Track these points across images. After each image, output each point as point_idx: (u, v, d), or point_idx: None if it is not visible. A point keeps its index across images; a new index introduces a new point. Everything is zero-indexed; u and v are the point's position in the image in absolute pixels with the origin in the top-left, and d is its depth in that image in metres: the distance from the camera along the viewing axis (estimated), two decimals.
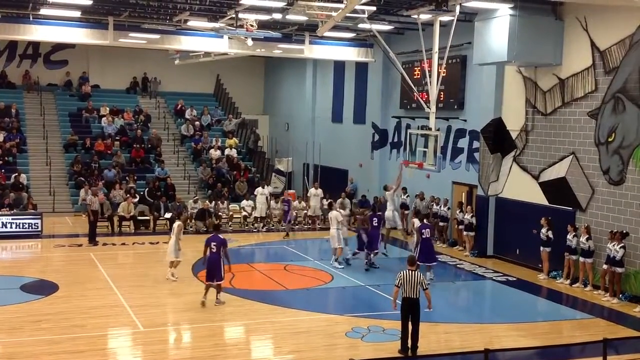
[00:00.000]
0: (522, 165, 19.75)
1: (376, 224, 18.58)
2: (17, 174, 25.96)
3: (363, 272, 18.17)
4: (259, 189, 25.46)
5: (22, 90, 32.34)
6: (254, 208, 24.89)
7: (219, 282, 14.69)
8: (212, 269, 14.62)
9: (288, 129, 34.23)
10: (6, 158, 27.61)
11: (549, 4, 18.03)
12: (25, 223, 22.03)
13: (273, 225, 24.88)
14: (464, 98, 22.23)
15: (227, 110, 34.83)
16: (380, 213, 19.29)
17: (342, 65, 29.37)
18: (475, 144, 21.54)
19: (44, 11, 20.71)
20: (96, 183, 26.67)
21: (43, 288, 15.91)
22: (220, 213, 24.51)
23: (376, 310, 14.80)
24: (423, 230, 17.33)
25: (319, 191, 25.30)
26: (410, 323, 11.81)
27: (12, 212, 22.65)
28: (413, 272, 11.83)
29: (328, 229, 19.43)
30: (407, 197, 23.75)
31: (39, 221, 22.16)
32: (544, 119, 18.99)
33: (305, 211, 25.59)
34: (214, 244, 14.65)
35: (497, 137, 20.26)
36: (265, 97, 37.37)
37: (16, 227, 21.75)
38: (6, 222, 21.82)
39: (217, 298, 14.74)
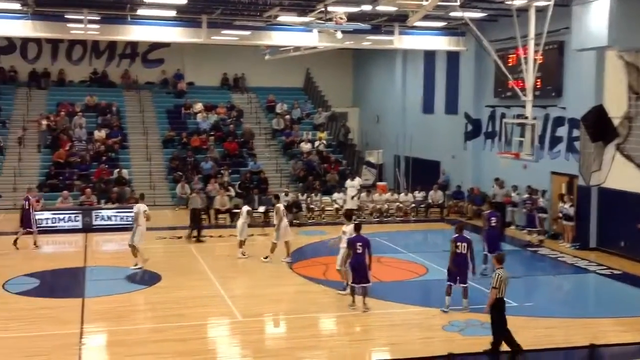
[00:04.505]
0: (625, 154, 18.83)
1: (495, 224, 16.76)
2: (119, 170, 27.22)
3: None
4: (349, 181, 25.51)
5: (121, 89, 33.73)
6: (345, 201, 25.00)
7: (365, 285, 13.89)
8: (359, 271, 13.81)
9: (378, 121, 34.09)
10: (109, 154, 28.94)
11: None
12: (128, 216, 22.90)
13: (365, 218, 24.88)
14: (562, 85, 21.44)
15: (317, 103, 35.05)
16: (498, 213, 17.66)
17: (433, 55, 28.92)
18: (575, 133, 20.72)
19: (140, 12, 21.51)
20: (192, 177, 27.53)
21: (146, 278, 16.60)
22: (312, 206, 24.74)
23: (473, 303, 14.50)
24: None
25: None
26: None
27: (116, 205, 23.79)
28: (503, 270, 11.40)
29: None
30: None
31: None
32: None
33: (398, 204, 25.45)
34: (359, 244, 13.84)
35: (598, 125, 19.36)
36: (354, 89, 37.35)
37: (120, 220, 22.76)
38: (111, 216, 22.94)
39: (363, 304, 13.89)
